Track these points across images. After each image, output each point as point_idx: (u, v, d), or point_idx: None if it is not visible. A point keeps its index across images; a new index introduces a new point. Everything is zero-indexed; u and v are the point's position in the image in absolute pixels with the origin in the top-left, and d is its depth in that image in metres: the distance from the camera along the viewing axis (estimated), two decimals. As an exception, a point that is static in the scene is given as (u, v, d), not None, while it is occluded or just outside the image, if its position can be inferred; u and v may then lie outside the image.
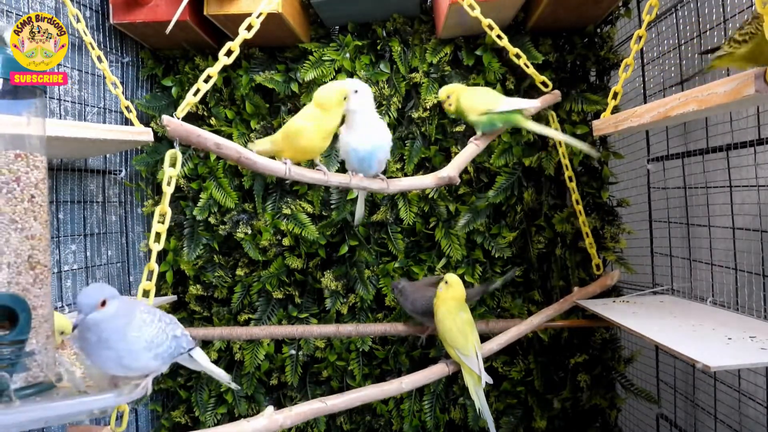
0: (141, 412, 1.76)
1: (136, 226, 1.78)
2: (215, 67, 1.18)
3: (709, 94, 0.86)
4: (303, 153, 1.14)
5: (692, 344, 0.94)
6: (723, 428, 1.29)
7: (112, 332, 0.75)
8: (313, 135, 1.10)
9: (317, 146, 1.13)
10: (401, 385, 1.19)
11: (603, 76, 1.64)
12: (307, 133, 1.10)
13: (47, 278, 0.78)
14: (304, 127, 1.10)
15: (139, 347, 0.77)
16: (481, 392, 1.23)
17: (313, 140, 1.11)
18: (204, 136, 1.03)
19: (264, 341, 1.68)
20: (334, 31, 1.72)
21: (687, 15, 1.38)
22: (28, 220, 0.75)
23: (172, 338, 0.84)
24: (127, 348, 0.76)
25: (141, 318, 0.79)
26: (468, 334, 1.23)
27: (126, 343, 0.76)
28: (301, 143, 1.11)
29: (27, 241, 0.75)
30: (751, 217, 1.20)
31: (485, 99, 1.30)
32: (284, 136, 1.13)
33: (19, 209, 0.74)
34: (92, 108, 1.55)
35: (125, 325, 0.77)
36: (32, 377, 0.74)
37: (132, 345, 0.77)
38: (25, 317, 0.72)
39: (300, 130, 1.10)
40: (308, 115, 1.12)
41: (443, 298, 1.27)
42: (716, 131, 1.29)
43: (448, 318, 1.24)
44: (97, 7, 1.56)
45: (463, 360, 1.22)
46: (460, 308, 1.25)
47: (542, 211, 1.63)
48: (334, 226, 1.67)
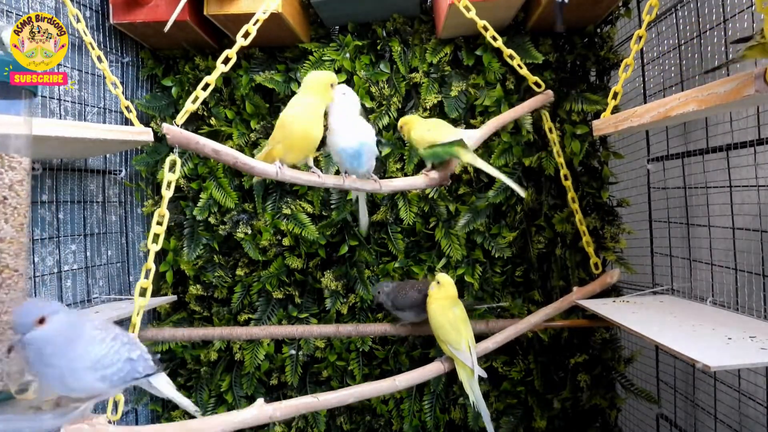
0: (141, 412, 1.76)
1: (136, 226, 1.78)
2: (213, 75, 1.20)
3: (709, 94, 0.86)
4: (300, 143, 1.15)
5: (692, 344, 0.94)
6: (723, 428, 1.29)
7: (54, 349, 0.69)
8: (306, 120, 1.14)
9: (313, 134, 1.15)
10: (395, 382, 1.19)
11: (603, 76, 1.64)
12: (300, 119, 1.13)
13: (18, 283, 0.75)
14: (298, 112, 1.14)
15: (82, 366, 0.71)
16: (476, 385, 1.23)
17: (307, 126, 1.14)
18: (202, 143, 1.05)
19: (264, 341, 1.68)
20: (334, 31, 1.72)
21: (687, 15, 1.39)
22: None
23: (126, 360, 0.76)
24: (69, 366, 0.70)
25: (90, 335, 0.73)
26: (461, 329, 1.23)
27: (68, 360, 0.70)
28: (296, 130, 1.13)
29: None
30: (751, 217, 1.20)
31: (433, 132, 1.28)
32: (279, 127, 1.16)
33: None
34: (92, 108, 1.55)
35: (68, 342, 0.70)
36: None
37: (74, 363, 0.70)
38: None
39: (294, 117, 1.14)
40: (297, 103, 1.16)
41: (435, 297, 1.27)
42: (716, 131, 1.29)
43: (440, 314, 1.25)
44: (97, 7, 1.56)
45: (455, 354, 1.22)
46: (452, 305, 1.26)
47: (542, 211, 1.63)
48: (334, 226, 1.67)
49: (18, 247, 0.75)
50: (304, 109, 1.15)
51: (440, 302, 1.26)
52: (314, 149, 1.20)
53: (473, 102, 1.62)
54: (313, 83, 1.17)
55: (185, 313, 1.73)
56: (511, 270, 1.65)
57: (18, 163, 0.76)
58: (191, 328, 1.61)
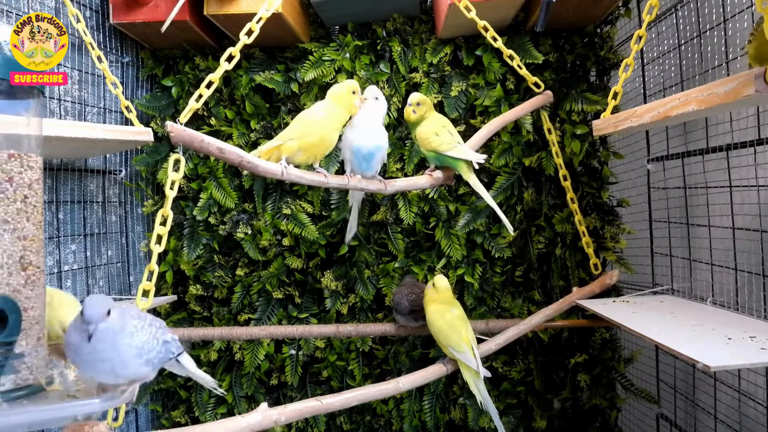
0: (141, 412, 1.76)
1: (136, 226, 1.78)
2: (216, 73, 1.20)
3: (709, 94, 0.86)
4: (316, 144, 1.19)
5: (692, 344, 0.94)
6: (723, 428, 1.29)
7: (113, 339, 0.74)
8: (327, 124, 1.20)
9: (329, 138, 1.20)
10: (398, 385, 1.19)
11: (603, 76, 1.64)
12: (322, 123, 1.19)
13: (40, 279, 0.77)
14: (321, 117, 1.20)
15: (130, 354, 0.76)
16: (482, 385, 1.23)
17: (327, 129, 1.19)
18: (207, 141, 1.05)
19: (264, 341, 1.68)
20: (334, 31, 1.72)
21: (687, 15, 1.39)
22: (21, 220, 0.75)
23: (162, 343, 0.82)
24: (119, 357, 0.75)
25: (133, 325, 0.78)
26: (460, 329, 1.23)
27: (118, 352, 0.74)
28: (316, 132, 1.18)
29: (19, 242, 0.74)
30: (751, 217, 1.20)
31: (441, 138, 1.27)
32: (299, 125, 1.20)
33: (11, 210, 0.74)
34: (92, 108, 1.55)
35: (119, 333, 0.75)
36: (21, 380, 0.73)
37: (124, 354, 0.75)
38: (15, 319, 0.71)
39: (317, 120, 1.19)
40: (322, 108, 1.22)
41: (432, 299, 1.28)
42: (716, 131, 1.29)
43: (437, 318, 1.25)
44: (97, 7, 1.56)
45: (458, 357, 1.22)
46: (450, 306, 1.26)
47: (542, 211, 1.63)
48: (334, 226, 1.67)
49: (39, 244, 0.78)
50: (329, 115, 1.21)
51: (437, 305, 1.26)
52: (324, 155, 1.24)
53: (473, 102, 1.62)
54: (336, 93, 1.24)
55: (185, 313, 1.73)
56: (511, 270, 1.65)
57: (35, 162, 0.78)
58: (191, 328, 1.61)
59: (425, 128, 1.30)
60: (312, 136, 1.17)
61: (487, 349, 1.33)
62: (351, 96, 1.24)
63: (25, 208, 0.75)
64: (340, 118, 1.23)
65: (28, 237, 0.75)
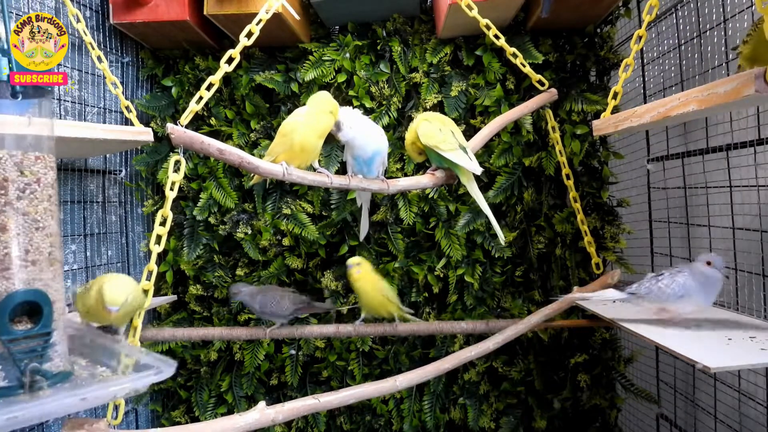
0: (141, 412, 1.76)
1: (136, 226, 1.77)
2: (216, 75, 1.20)
3: (709, 94, 0.86)
4: (299, 152, 1.16)
5: (692, 344, 0.94)
6: (723, 428, 1.29)
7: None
8: (305, 131, 1.15)
9: (311, 143, 1.16)
10: (396, 383, 1.19)
11: (603, 76, 1.64)
12: (300, 129, 1.15)
13: (61, 273, 0.81)
14: (298, 123, 1.16)
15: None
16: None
17: (306, 135, 1.15)
18: (207, 143, 1.05)
19: (264, 341, 1.68)
20: (334, 31, 1.72)
21: (687, 15, 1.39)
22: (47, 218, 0.78)
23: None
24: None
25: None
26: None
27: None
28: (296, 140, 1.14)
29: (47, 239, 0.78)
30: (751, 217, 1.20)
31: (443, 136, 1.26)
32: (280, 135, 1.18)
33: (40, 209, 0.77)
34: (92, 108, 1.55)
35: None
36: (54, 366, 0.78)
37: None
38: (49, 311, 0.76)
39: (294, 126, 1.16)
40: (300, 114, 1.19)
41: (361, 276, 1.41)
42: (716, 131, 1.29)
43: (371, 282, 1.41)
44: (97, 7, 1.56)
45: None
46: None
47: (542, 211, 1.63)
48: (334, 226, 1.67)
49: (60, 240, 0.82)
50: (305, 119, 1.17)
51: (368, 275, 1.41)
52: (316, 155, 1.21)
53: (473, 102, 1.62)
54: (313, 102, 1.19)
55: (185, 313, 1.73)
56: (511, 270, 1.65)
57: (54, 162, 0.81)
58: (191, 328, 1.61)
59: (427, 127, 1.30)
60: (293, 143, 1.14)
61: (485, 347, 1.33)
62: (329, 112, 1.18)
63: (50, 207, 0.79)
64: (321, 124, 1.17)
65: (53, 234, 0.79)
